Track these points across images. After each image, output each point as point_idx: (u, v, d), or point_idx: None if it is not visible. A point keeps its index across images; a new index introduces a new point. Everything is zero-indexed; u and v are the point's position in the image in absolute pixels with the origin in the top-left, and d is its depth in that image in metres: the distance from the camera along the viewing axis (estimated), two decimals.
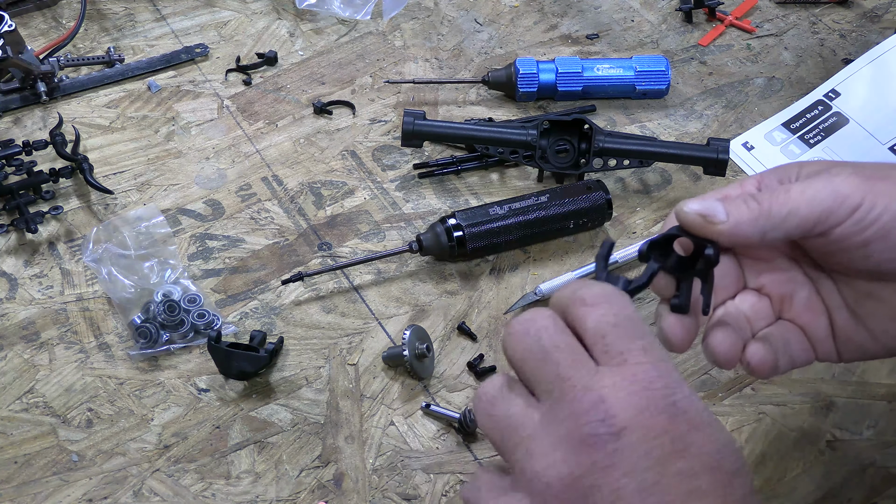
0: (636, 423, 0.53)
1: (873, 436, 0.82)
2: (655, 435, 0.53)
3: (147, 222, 0.97)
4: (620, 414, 0.53)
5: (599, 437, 0.53)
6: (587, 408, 0.53)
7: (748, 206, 0.63)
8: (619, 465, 0.52)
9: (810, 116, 1.07)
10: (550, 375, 0.55)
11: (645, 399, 0.54)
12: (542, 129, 1.00)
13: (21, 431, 0.84)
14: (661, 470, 0.52)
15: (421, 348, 0.86)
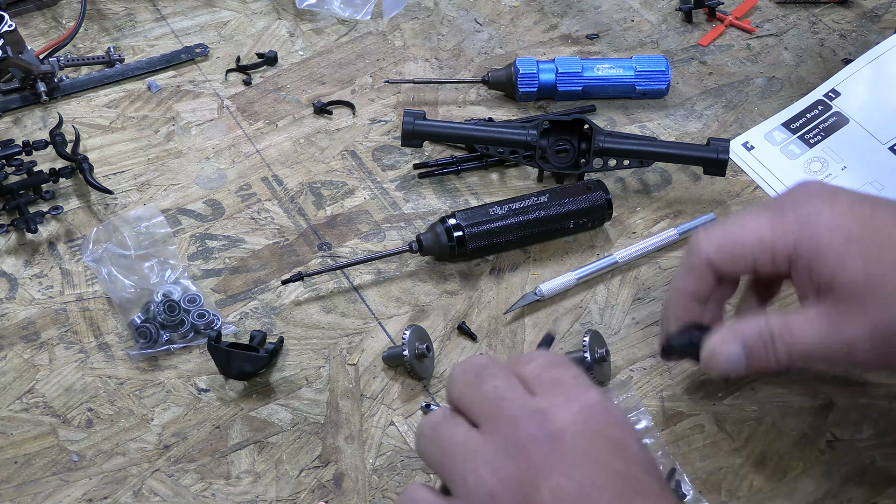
0: (573, 427, 0.55)
1: (873, 436, 0.82)
2: (593, 438, 0.55)
3: (147, 222, 0.97)
4: (558, 419, 0.55)
5: (537, 440, 0.54)
6: (525, 416, 0.55)
7: (767, 360, 0.68)
8: (559, 466, 0.53)
9: (810, 116, 1.07)
10: (490, 398, 0.57)
11: (580, 407, 0.56)
12: (542, 129, 1.00)
13: (21, 431, 0.84)
14: (600, 471, 0.54)
15: (421, 348, 0.86)
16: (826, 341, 0.65)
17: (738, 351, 0.68)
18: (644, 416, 0.83)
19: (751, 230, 0.68)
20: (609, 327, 0.90)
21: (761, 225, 0.68)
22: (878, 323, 0.63)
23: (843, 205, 0.66)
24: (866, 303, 0.63)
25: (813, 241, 0.65)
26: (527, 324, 0.91)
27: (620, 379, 0.87)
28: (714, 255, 0.70)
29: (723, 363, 0.70)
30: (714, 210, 0.99)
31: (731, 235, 0.70)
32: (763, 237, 0.67)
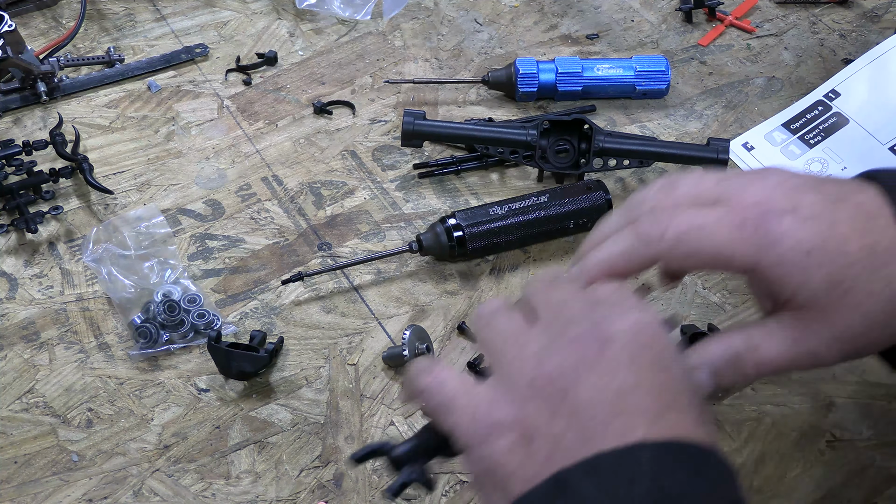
0: (624, 335, 0.56)
1: (873, 436, 0.82)
2: (640, 348, 0.56)
3: (147, 222, 0.97)
4: (612, 326, 0.57)
5: (587, 340, 0.56)
6: (579, 317, 0.58)
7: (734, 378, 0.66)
8: (603, 366, 0.55)
9: (810, 117, 1.07)
10: (556, 301, 0.60)
11: (634, 320, 0.58)
12: (542, 129, 1.00)
13: (21, 431, 0.84)
14: (642, 377, 0.55)
15: (421, 348, 0.86)
16: (791, 354, 0.65)
17: (707, 378, 0.67)
18: None
19: (708, 240, 0.63)
20: None
21: (720, 236, 0.63)
22: (841, 331, 0.63)
23: (805, 211, 0.64)
24: (828, 312, 0.63)
25: (775, 259, 0.63)
26: None
27: None
28: (665, 253, 0.64)
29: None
30: None
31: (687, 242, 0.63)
32: (721, 250, 0.63)
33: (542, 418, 0.55)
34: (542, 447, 0.54)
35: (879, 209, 0.62)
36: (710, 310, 0.91)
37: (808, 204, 0.63)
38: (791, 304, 0.63)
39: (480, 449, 0.56)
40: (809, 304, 0.63)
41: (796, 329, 0.64)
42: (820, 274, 0.62)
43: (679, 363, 0.58)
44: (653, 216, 0.64)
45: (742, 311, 0.91)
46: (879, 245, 0.61)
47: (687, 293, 0.93)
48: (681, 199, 0.64)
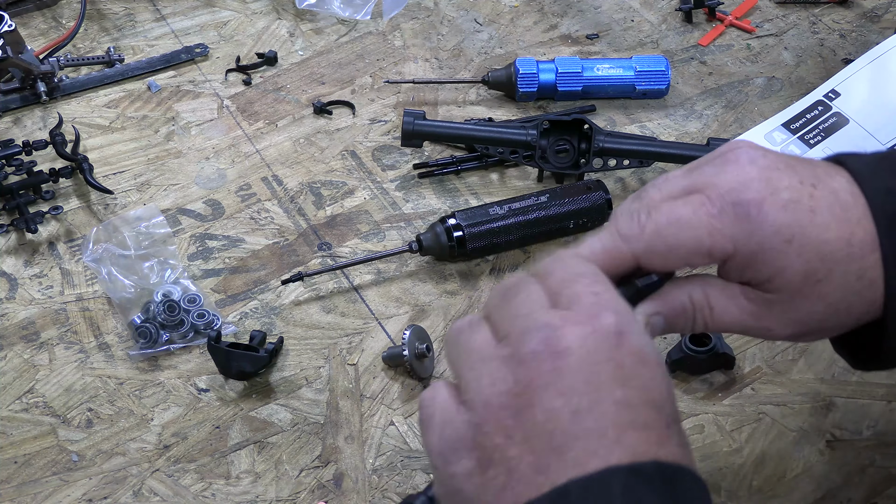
0: (579, 347, 0.53)
1: (873, 436, 0.82)
2: (598, 361, 0.53)
3: (147, 222, 0.97)
4: (564, 337, 0.53)
5: (539, 356, 0.53)
6: (533, 329, 0.54)
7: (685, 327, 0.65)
8: (556, 385, 0.52)
9: (810, 117, 1.07)
10: (512, 313, 0.56)
11: (592, 328, 0.53)
12: (542, 129, 1.00)
13: (21, 431, 0.84)
14: (599, 396, 0.52)
15: (421, 348, 0.86)
16: (746, 324, 0.63)
17: (661, 323, 0.64)
18: None
19: (687, 232, 0.61)
20: None
21: (699, 226, 0.61)
22: (802, 316, 0.62)
23: (783, 196, 0.62)
24: (796, 299, 0.62)
25: (754, 246, 0.62)
26: None
27: None
28: (642, 253, 0.62)
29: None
30: None
31: (666, 236, 0.62)
32: (701, 242, 0.61)
33: (497, 443, 0.52)
34: (499, 474, 0.52)
35: (854, 199, 0.61)
36: None
37: (785, 188, 0.61)
38: (761, 286, 0.63)
39: (442, 471, 0.54)
40: (781, 289, 0.62)
41: (760, 306, 0.63)
42: (798, 263, 0.61)
43: (645, 366, 0.54)
44: (629, 214, 0.62)
45: None
46: (855, 237, 0.60)
47: None
48: (655, 197, 0.63)
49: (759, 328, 0.64)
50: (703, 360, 0.85)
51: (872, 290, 0.61)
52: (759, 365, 0.87)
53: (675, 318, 0.64)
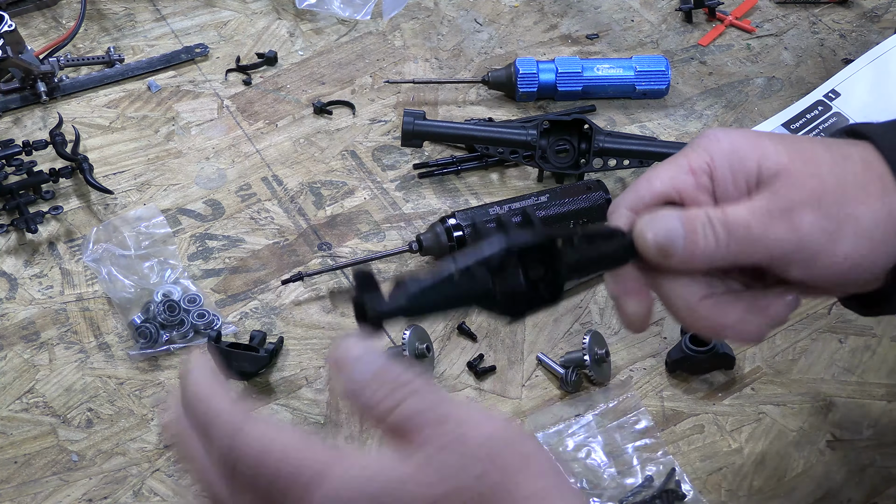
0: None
1: (873, 436, 0.82)
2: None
3: (147, 222, 0.97)
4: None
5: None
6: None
7: (706, 239, 0.61)
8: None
9: (810, 117, 1.07)
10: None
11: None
12: (542, 129, 1.00)
13: (21, 431, 0.84)
14: None
15: (421, 348, 0.86)
16: (764, 217, 0.61)
17: (675, 219, 0.61)
18: (644, 416, 0.83)
19: (662, 168, 0.63)
20: (609, 327, 0.90)
21: (672, 160, 0.63)
22: (816, 189, 0.61)
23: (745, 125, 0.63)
24: (800, 176, 0.60)
25: (727, 146, 0.61)
26: (527, 324, 0.91)
27: (620, 379, 0.87)
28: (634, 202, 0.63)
29: (659, 230, 0.61)
30: None
31: (644, 177, 0.63)
32: (678, 164, 0.62)
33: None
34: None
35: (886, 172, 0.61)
36: None
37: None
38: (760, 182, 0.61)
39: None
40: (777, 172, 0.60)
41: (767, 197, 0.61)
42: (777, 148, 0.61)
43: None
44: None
45: None
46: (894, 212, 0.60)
47: None
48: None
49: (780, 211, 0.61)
50: (703, 360, 0.85)
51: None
52: (759, 365, 0.87)
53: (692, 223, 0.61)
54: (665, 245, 0.61)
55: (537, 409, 0.85)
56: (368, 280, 0.54)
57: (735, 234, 0.61)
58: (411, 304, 0.54)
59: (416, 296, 0.54)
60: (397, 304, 0.53)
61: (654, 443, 0.82)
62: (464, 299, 0.56)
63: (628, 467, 0.80)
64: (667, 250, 0.61)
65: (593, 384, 0.86)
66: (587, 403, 0.85)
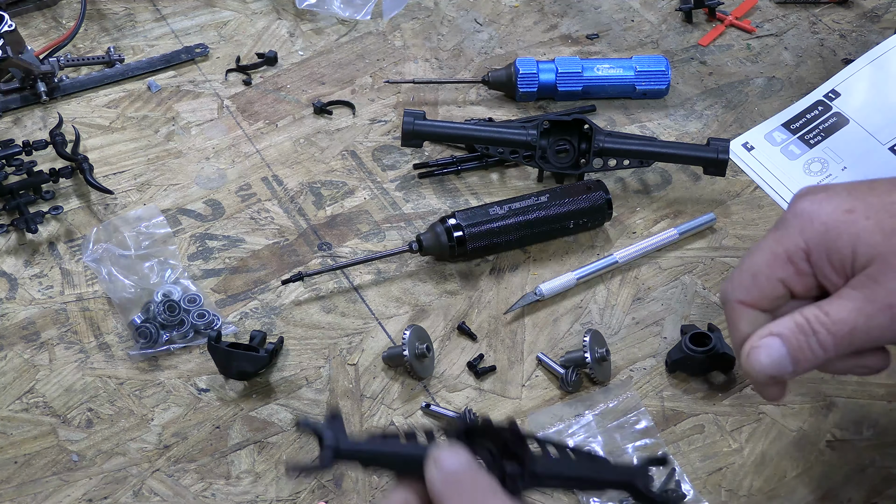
0: None
1: (873, 436, 0.82)
2: None
3: (147, 222, 0.97)
4: None
5: None
6: None
7: (813, 353, 0.65)
8: None
9: (810, 117, 1.07)
10: None
11: None
12: (542, 129, 1.00)
13: (21, 431, 0.84)
14: None
15: (421, 348, 0.86)
16: (867, 311, 0.63)
17: (779, 346, 0.66)
18: (644, 416, 0.83)
19: (760, 254, 0.68)
20: (609, 327, 0.90)
21: (768, 244, 0.68)
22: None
23: (838, 188, 0.66)
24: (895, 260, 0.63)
25: (819, 227, 0.65)
26: (527, 324, 0.91)
27: (620, 379, 0.87)
28: (744, 296, 0.69)
29: (764, 361, 0.66)
30: (714, 210, 0.99)
31: (747, 269, 0.69)
32: (774, 252, 0.67)
33: None
34: None
35: None
36: (710, 310, 0.92)
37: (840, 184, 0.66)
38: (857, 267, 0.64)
39: None
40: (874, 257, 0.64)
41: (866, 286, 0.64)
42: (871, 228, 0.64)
43: None
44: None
45: None
46: None
47: (687, 293, 0.93)
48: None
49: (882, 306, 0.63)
50: (703, 360, 0.85)
51: None
52: None
53: (795, 338, 0.65)
54: (776, 374, 0.66)
55: (537, 409, 0.85)
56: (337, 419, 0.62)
57: (839, 337, 0.65)
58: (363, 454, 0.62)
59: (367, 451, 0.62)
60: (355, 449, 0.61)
61: (654, 443, 0.82)
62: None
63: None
64: (777, 377, 0.67)
65: (593, 384, 0.86)
66: (587, 403, 0.85)
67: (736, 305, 0.70)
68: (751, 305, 0.69)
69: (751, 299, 0.69)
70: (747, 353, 0.67)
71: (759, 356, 0.67)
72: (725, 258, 0.96)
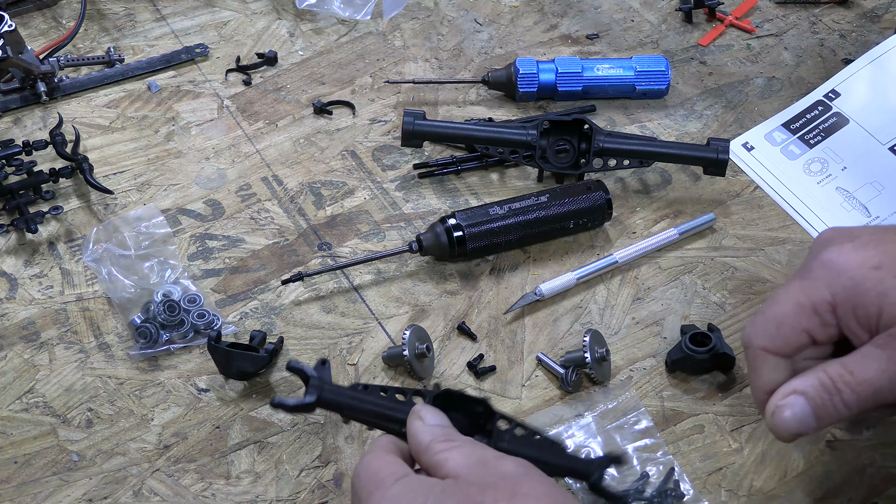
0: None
1: (873, 436, 0.82)
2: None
3: (147, 222, 0.97)
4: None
5: None
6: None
7: (836, 410, 0.67)
8: None
9: (810, 117, 1.07)
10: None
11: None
12: (542, 129, 1.00)
13: (21, 431, 0.84)
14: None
15: (421, 348, 0.86)
16: (891, 371, 0.65)
17: (803, 404, 0.67)
18: (644, 416, 0.83)
19: (786, 303, 0.69)
20: (609, 327, 0.90)
21: (793, 293, 0.69)
22: None
23: (863, 238, 0.66)
24: None
25: (847, 282, 0.65)
26: (527, 324, 0.91)
27: (620, 379, 0.87)
28: (767, 343, 0.71)
29: (789, 420, 0.69)
30: (714, 210, 0.99)
31: (771, 316, 0.70)
32: (800, 302, 0.68)
33: None
34: None
35: None
36: (710, 310, 0.92)
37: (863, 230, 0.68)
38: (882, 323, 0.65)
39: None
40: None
41: (891, 343, 0.64)
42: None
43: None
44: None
45: (742, 311, 0.91)
46: None
47: (687, 293, 0.93)
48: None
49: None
50: (703, 360, 0.85)
51: None
52: None
53: (819, 396, 0.67)
54: (800, 432, 0.68)
55: (537, 409, 0.85)
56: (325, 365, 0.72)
57: (863, 397, 0.66)
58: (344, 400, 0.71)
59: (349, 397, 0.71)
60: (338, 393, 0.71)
61: (654, 443, 0.82)
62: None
63: (628, 468, 0.80)
64: (801, 434, 0.68)
65: (594, 384, 0.86)
66: (587, 404, 0.85)
67: (759, 352, 0.71)
68: (773, 353, 0.71)
69: (774, 347, 0.71)
70: (772, 411, 0.70)
71: (784, 415, 0.69)
72: (725, 258, 0.96)
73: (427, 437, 0.67)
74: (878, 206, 0.99)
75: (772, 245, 0.97)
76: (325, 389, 0.70)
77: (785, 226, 0.99)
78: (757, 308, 0.90)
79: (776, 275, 0.94)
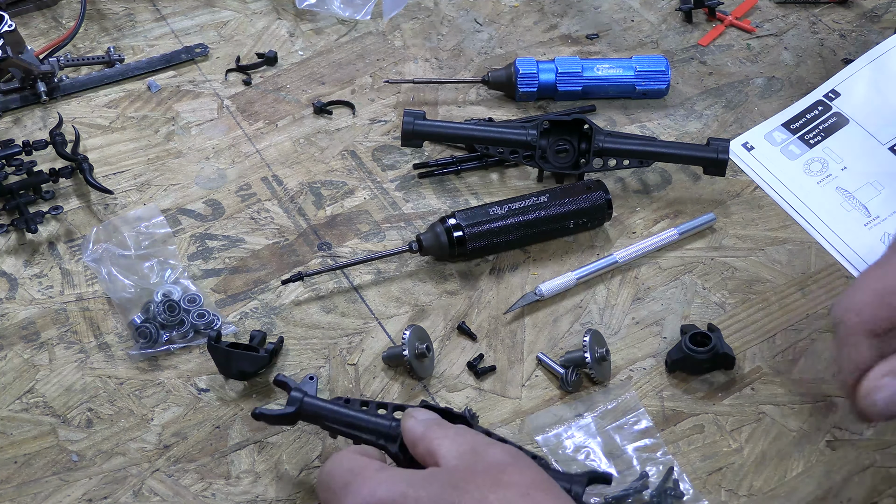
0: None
1: (873, 436, 0.82)
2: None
3: (147, 222, 0.97)
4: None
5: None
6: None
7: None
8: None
9: (810, 117, 1.07)
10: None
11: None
12: (542, 129, 1.00)
13: (21, 431, 0.84)
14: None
15: (421, 348, 0.86)
16: None
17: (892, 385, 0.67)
18: (644, 416, 0.83)
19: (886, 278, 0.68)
20: (609, 327, 0.91)
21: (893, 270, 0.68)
22: None
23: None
24: None
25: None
26: (527, 324, 0.91)
27: (620, 379, 0.87)
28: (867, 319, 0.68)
29: (881, 402, 0.67)
30: (714, 210, 0.99)
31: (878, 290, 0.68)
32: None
33: None
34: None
35: None
36: (710, 310, 0.92)
37: None
38: None
39: None
40: None
41: None
42: None
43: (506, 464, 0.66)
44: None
45: (742, 310, 0.91)
46: None
47: (687, 293, 0.93)
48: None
49: None
50: (703, 360, 0.85)
51: None
52: (759, 365, 0.87)
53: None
54: (892, 414, 0.68)
55: (537, 410, 0.85)
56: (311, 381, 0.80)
57: None
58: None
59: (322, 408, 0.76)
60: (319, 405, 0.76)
61: (653, 443, 0.82)
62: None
63: (628, 468, 0.80)
64: (891, 417, 0.68)
65: (594, 384, 0.86)
66: (587, 404, 0.85)
67: (855, 328, 0.69)
68: (868, 330, 0.68)
69: (872, 325, 0.68)
70: (866, 392, 0.68)
71: (878, 396, 0.67)
72: (725, 258, 0.96)
73: (421, 427, 0.71)
74: (878, 206, 0.99)
75: (772, 245, 0.97)
76: (305, 402, 0.75)
77: (785, 226, 0.99)
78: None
79: (776, 275, 0.94)
